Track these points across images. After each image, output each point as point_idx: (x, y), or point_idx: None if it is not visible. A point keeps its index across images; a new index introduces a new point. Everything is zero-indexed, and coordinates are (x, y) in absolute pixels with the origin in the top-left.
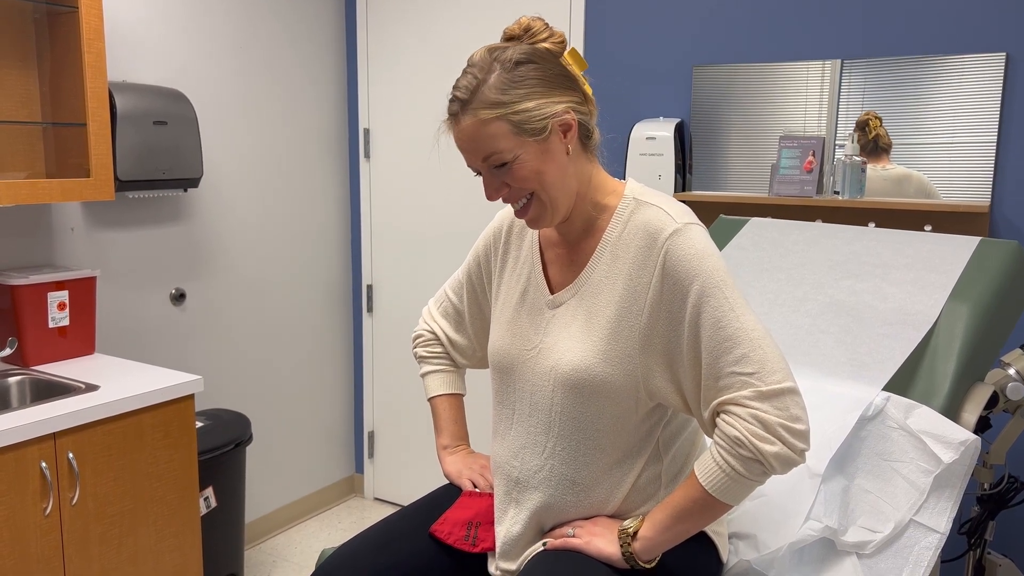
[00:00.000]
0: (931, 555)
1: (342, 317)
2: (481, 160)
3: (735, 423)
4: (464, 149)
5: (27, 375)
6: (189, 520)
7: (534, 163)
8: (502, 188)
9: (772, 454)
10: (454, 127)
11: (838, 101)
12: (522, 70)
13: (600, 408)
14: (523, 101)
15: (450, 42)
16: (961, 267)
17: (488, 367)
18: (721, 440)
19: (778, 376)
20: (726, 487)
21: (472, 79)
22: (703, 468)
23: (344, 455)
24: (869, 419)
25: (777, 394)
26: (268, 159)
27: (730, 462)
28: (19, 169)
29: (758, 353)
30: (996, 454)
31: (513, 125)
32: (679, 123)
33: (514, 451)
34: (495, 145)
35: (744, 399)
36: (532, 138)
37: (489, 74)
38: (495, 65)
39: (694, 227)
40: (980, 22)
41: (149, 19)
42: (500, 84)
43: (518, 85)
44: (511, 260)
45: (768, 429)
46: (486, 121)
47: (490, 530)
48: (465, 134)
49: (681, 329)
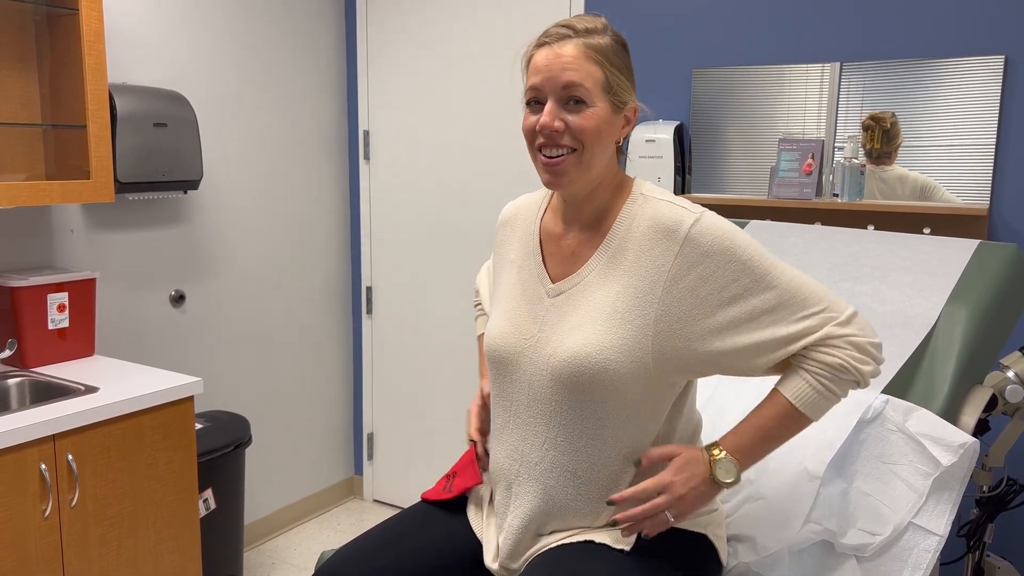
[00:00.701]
0: (930, 557)
1: (341, 319)
2: (562, 86)
3: (835, 352)
4: (551, 69)
5: (27, 377)
6: (188, 522)
7: (601, 121)
8: (560, 121)
9: (869, 372)
10: (549, 48)
11: (837, 104)
12: (625, 54)
13: (601, 398)
14: (621, 73)
15: (450, 44)
16: (960, 270)
17: None
18: (819, 369)
19: (840, 304)
20: (818, 405)
21: (590, 23)
22: (794, 391)
23: (343, 457)
24: (868, 422)
25: (851, 319)
26: (268, 161)
27: (828, 386)
28: (19, 171)
29: (816, 294)
30: (995, 457)
31: (607, 80)
32: (678, 125)
33: (513, 445)
34: (586, 80)
35: (834, 331)
36: (611, 102)
37: (605, 32)
38: (609, 32)
39: (709, 214)
40: (979, 25)
41: (149, 21)
42: (612, 45)
43: (622, 58)
44: (512, 251)
45: (862, 351)
46: (591, 58)
47: (464, 475)
48: (564, 56)
49: (722, 302)
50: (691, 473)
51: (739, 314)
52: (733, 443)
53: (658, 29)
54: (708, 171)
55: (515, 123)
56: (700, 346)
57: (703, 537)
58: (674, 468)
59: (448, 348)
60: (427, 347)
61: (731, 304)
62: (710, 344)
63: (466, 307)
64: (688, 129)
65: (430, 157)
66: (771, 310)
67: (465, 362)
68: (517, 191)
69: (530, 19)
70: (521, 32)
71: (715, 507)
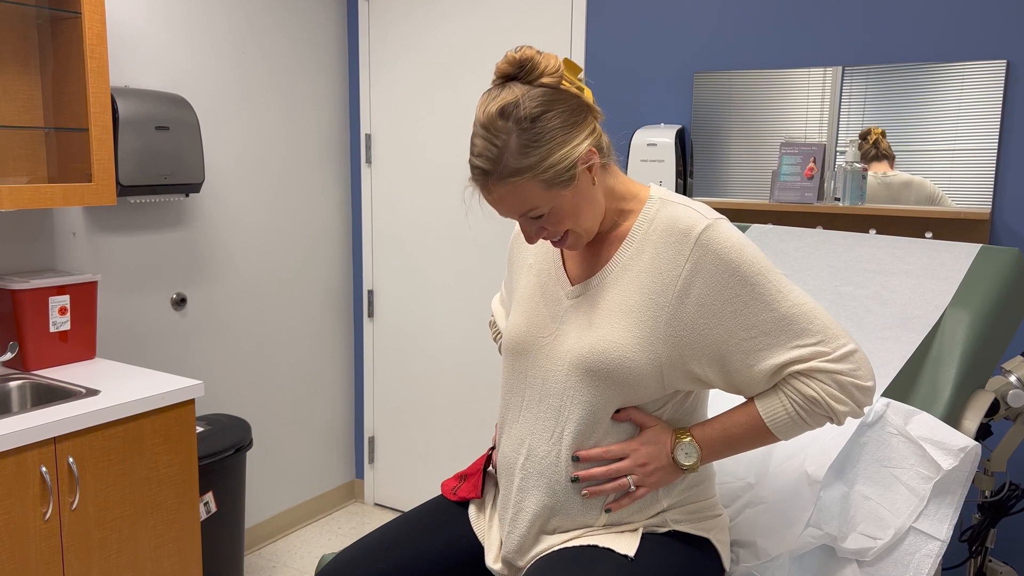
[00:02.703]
0: (931, 563)
1: (343, 322)
2: (518, 216)
3: (812, 384)
4: (497, 208)
5: (28, 379)
6: (189, 525)
7: (568, 207)
8: (540, 231)
9: (843, 412)
10: (483, 193)
11: (839, 108)
12: (539, 125)
13: (613, 393)
14: (548, 157)
15: (451, 48)
16: (962, 274)
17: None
18: (796, 397)
19: (842, 339)
20: (787, 428)
21: (491, 147)
22: (768, 409)
23: (344, 460)
24: (869, 425)
25: (846, 356)
26: (270, 164)
27: (800, 414)
28: (21, 174)
29: (816, 324)
30: (997, 461)
31: (543, 183)
32: (680, 129)
33: (521, 438)
34: (530, 203)
35: (819, 363)
36: (562, 188)
37: (509, 137)
38: (511, 127)
39: (724, 222)
40: (981, 29)
41: (151, 24)
42: (522, 147)
43: (540, 142)
44: (530, 255)
45: (844, 390)
46: (516, 185)
47: (470, 482)
48: (497, 199)
49: (722, 316)
50: (657, 447)
51: (735, 330)
52: (700, 433)
53: (660, 33)
54: (710, 175)
55: None
56: (698, 355)
57: (706, 542)
58: (642, 438)
59: (449, 351)
60: (428, 350)
61: (730, 319)
62: (705, 355)
63: (466, 309)
64: (690, 133)
65: (431, 160)
66: (766, 333)
67: (466, 365)
68: None
69: (531, 23)
70: (522, 36)
71: (718, 512)
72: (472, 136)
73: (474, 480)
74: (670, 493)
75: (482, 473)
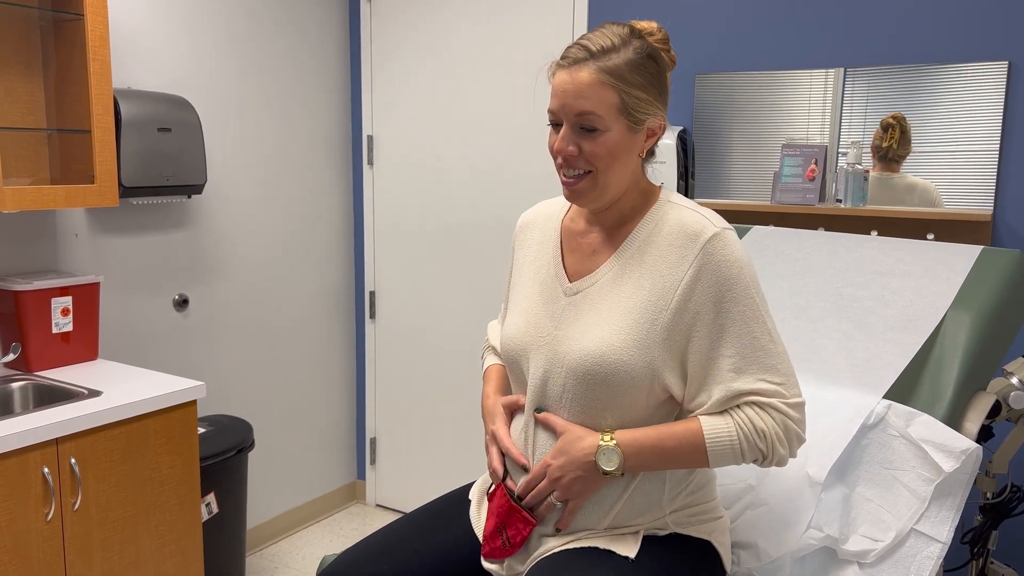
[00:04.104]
0: (933, 564)
1: (345, 323)
2: (575, 114)
3: (766, 419)
4: (565, 95)
5: (30, 380)
6: (191, 526)
7: (616, 144)
8: (575, 148)
9: (780, 455)
10: (566, 71)
11: (841, 109)
12: (650, 64)
13: (611, 396)
14: (642, 91)
15: (454, 49)
16: (963, 276)
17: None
18: (746, 425)
19: (797, 390)
20: (723, 454)
21: (608, 41)
22: (713, 429)
23: (346, 461)
24: (870, 427)
25: (799, 407)
26: (272, 165)
27: (742, 443)
28: (24, 175)
29: (784, 367)
30: (999, 463)
31: (621, 103)
32: (682, 131)
33: (521, 444)
34: (599, 108)
35: (778, 404)
36: (628, 123)
37: (625, 47)
38: (632, 45)
39: (731, 233)
40: (983, 31)
41: (154, 26)
42: (632, 62)
43: (643, 74)
44: (531, 250)
45: (788, 435)
46: (604, 83)
47: (513, 525)
48: (578, 83)
49: (706, 328)
50: (568, 458)
51: (715, 345)
52: (629, 439)
53: None
54: (711, 176)
55: (518, 127)
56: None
57: (707, 544)
58: (553, 451)
59: (451, 352)
60: (430, 351)
61: (716, 333)
62: (679, 361)
63: (468, 310)
64: (691, 134)
65: (433, 161)
66: (742, 356)
67: (468, 367)
68: (520, 195)
69: (534, 25)
70: (525, 37)
71: (719, 514)
72: (587, 32)
73: (519, 516)
74: (672, 496)
75: (515, 505)
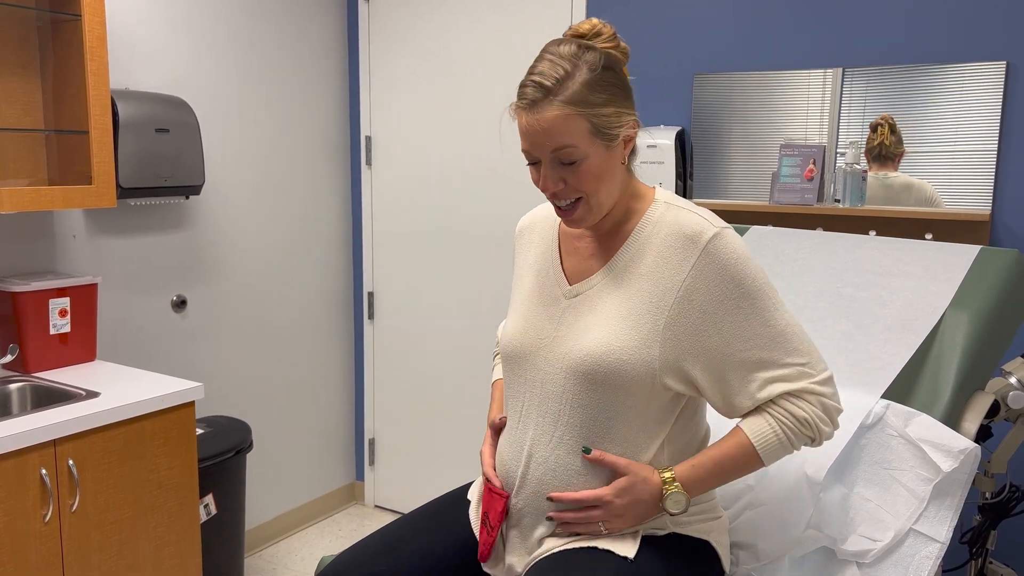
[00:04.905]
0: (931, 564)
1: (343, 324)
2: (551, 152)
3: (804, 406)
4: (534, 136)
5: (28, 382)
6: (189, 527)
7: (598, 167)
8: (559, 182)
9: (826, 434)
10: (529, 113)
11: (839, 109)
12: (607, 75)
13: (611, 397)
14: (606, 105)
15: (452, 50)
16: (962, 275)
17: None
18: (785, 418)
19: (823, 364)
20: (775, 451)
21: (559, 69)
22: (757, 433)
23: (345, 462)
24: (868, 427)
25: (828, 381)
26: (270, 166)
27: (789, 436)
28: (22, 176)
29: (804, 345)
30: (997, 463)
31: (592, 126)
32: (680, 131)
33: (521, 444)
34: (571, 140)
35: (809, 387)
36: (604, 142)
37: (578, 70)
38: (584, 62)
39: (731, 231)
40: (981, 31)
41: (152, 27)
42: (589, 82)
43: (603, 89)
44: (531, 254)
45: (828, 412)
46: (570, 116)
47: (492, 507)
48: (543, 123)
49: (720, 326)
50: (633, 498)
51: (732, 340)
52: (689, 475)
53: (660, 35)
54: (710, 176)
55: (516, 129)
56: (692, 359)
57: (706, 544)
58: (616, 489)
59: (449, 353)
60: (428, 352)
61: (729, 329)
62: (700, 360)
63: (467, 311)
64: (690, 134)
65: (432, 162)
66: (761, 347)
67: (466, 367)
68: (519, 197)
69: (532, 24)
70: (523, 37)
71: (718, 514)
72: (536, 61)
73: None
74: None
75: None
